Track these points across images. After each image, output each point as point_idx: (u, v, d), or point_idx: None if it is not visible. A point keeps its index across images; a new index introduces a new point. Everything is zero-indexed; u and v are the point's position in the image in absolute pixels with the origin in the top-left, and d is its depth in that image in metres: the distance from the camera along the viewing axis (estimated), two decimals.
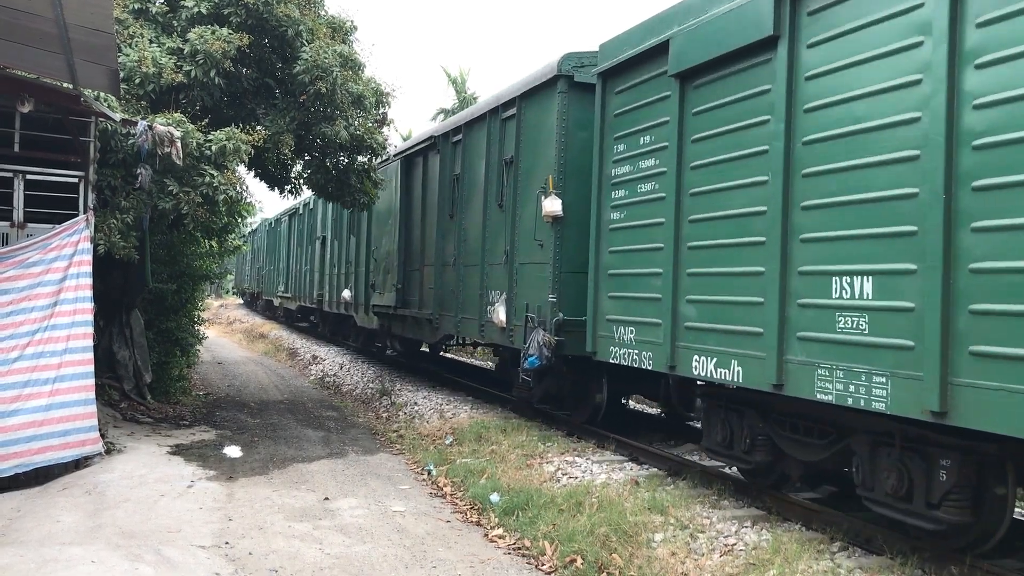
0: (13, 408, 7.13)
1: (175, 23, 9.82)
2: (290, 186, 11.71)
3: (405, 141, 18.20)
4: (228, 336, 28.39)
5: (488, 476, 7.63)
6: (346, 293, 17.01)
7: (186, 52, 9.32)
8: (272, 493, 7.25)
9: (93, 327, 7.98)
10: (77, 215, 8.06)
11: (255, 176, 11.49)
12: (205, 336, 15.50)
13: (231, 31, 9.39)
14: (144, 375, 10.86)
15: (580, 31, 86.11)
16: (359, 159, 11.38)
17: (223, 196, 9.11)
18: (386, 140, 11.57)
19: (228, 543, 5.78)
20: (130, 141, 8.47)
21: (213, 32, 9.27)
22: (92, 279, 7.95)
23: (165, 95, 9.35)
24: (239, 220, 14.94)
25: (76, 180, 8.17)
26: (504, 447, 8.54)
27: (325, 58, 9.73)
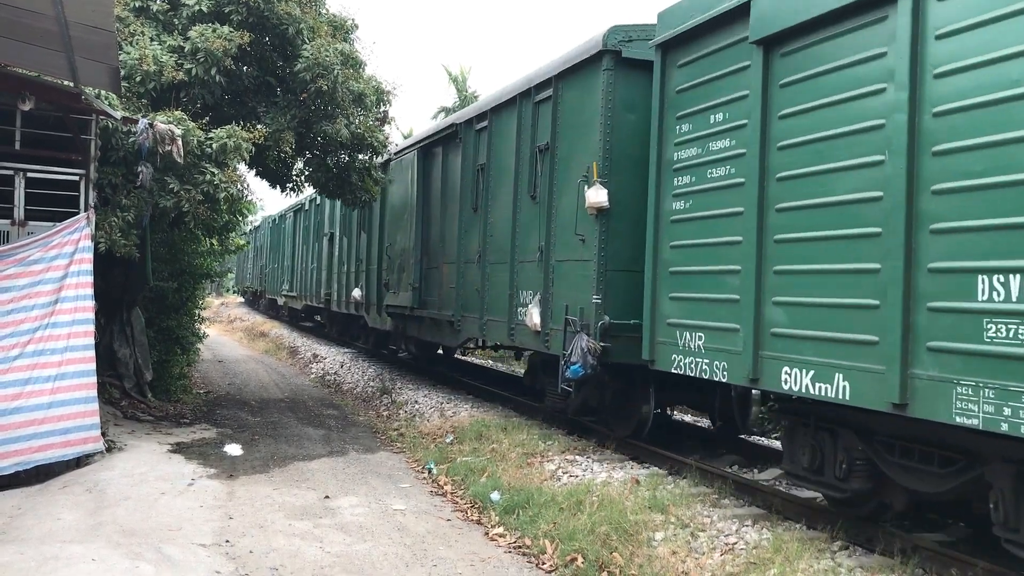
0: (14, 406, 7.13)
1: (176, 21, 9.83)
2: (291, 184, 11.72)
3: (408, 137, 17.91)
4: (229, 334, 28.40)
5: (489, 475, 7.63)
6: (356, 292, 16.39)
7: (187, 50, 9.32)
8: (273, 491, 7.26)
9: (94, 325, 7.99)
10: (78, 213, 8.06)
11: (256, 174, 11.50)
12: (206, 334, 15.49)
13: (232, 29, 9.40)
14: (145, 373, 10.87)
15: (580, 31, 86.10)
16: (360, 157, 11.38)
17: (224, 194, 9.13)
18: (387, 138, 11.58)
19: (229, 541, 5.78)
20: (131, 139, 8.48)
21: (214, 30, 9.28)
22: (93, 277, 7.95)
23: (166, 93, 9.36)
24: (240, 219, 14.94)
25: (77, 178, 8.18)
26: (505, 446, 8.53)
27: (326, 56, 9.72)
